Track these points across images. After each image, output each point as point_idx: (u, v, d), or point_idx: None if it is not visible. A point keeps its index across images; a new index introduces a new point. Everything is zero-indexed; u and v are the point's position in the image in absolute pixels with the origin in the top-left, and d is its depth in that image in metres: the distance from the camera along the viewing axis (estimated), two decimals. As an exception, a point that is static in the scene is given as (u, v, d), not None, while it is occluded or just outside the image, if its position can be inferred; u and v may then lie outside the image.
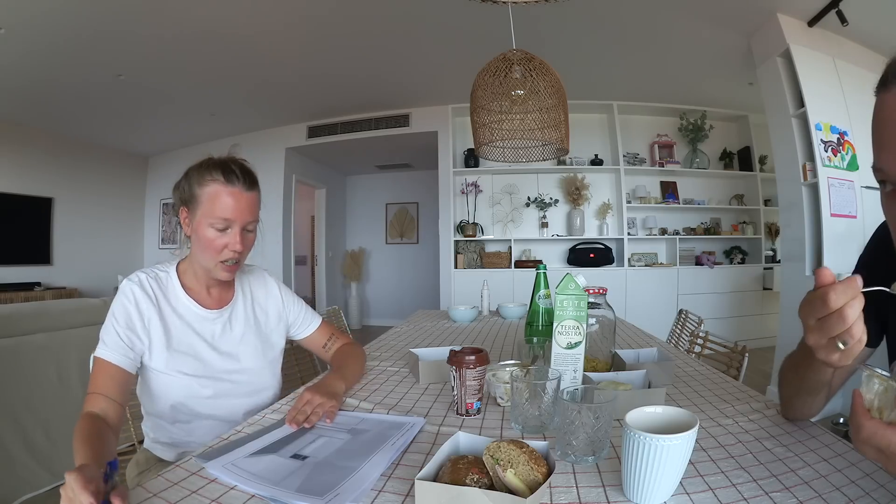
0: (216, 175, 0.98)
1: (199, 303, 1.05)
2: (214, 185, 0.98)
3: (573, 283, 0.92)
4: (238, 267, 1.05)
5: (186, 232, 1.02)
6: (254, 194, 1.03)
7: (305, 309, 1.25)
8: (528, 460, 0.55)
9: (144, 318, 0.97)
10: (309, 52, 3.70)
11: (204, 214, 0.98)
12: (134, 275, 1.01)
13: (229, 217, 0.98)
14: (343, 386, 1.02)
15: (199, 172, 1.00)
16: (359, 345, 1.31)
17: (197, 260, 1.03)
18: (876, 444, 0.45)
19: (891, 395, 0.46)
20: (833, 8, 2.83)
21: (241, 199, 0.99)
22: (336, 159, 6.32)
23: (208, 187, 0.98)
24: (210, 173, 0.99)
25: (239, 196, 0.99)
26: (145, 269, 1.04)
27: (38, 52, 3.37)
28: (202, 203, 0.98)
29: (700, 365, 1.28)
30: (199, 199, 0.98)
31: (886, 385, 0.47)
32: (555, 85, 1.67)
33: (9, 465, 1.89)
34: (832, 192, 2.92)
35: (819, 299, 0.51)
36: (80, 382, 2.16)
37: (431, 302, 5.85)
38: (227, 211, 0.98)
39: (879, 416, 0.47)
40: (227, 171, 0.99)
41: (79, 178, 5.53)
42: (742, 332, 4.50)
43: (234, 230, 0.99)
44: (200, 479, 0.64)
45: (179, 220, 1.03)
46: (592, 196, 4.86)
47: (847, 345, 0.51)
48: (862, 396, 0.48)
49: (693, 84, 4.35)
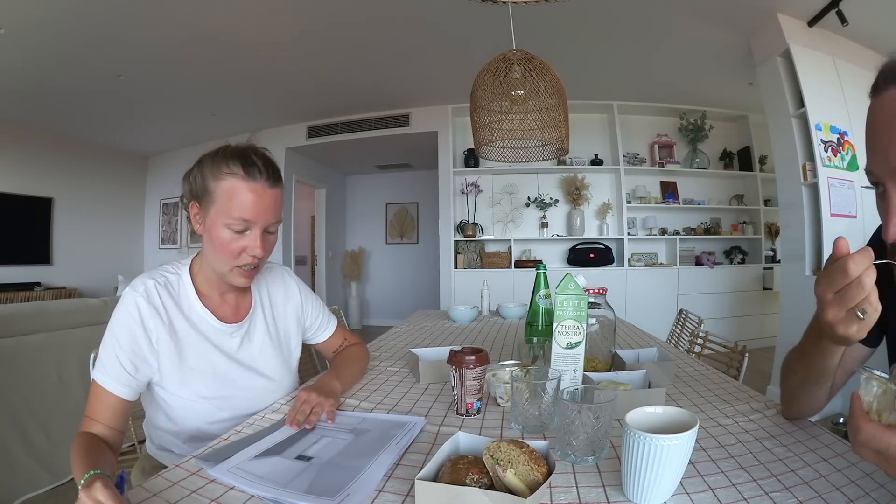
0: (235, 167, 0.85)
1: (215, 313, 0.93)
2: (232, 179, 0.84)
3: (573, 283, 0.92)
4: (257, 272, 0.93)
5: (198, 230, 0.90)
6: (277, 191, 0.89)
7: (323, 312, 1.17)
8: (528, 460, 0.55)
9: (152, 338, 0.85)
10: (309, 52, 3.70)
11: (219, 213, 0.85)
12: (139, 282, 0.87)
13: (249, 218, 0.85)
14: (339, 385, 0.98)
15: (215, 162, 0.86)
16: (364, 346, 1.28)
17: (209, 262, 0.92)
18: (874, 446, 0.46)
19: (889, 398, 0.46)
20: (833, 8, 2.83)
21: (263, 196, 0.86)
22: (336, 159, 6.32)
23: (225, 181, 0.85)
24: (227, 164, 0.85)
25: (261, 193, 0.86)
26: (153, 273, 0.90)
27: (39, 52, 3.37)
28: (217, 199, 0.85)
29: (700, 365, 1.28)
30: (213, 195, 0.85)
31: (885, 388, 0.47)
32: (555, 85, 1.67)
33: (9, 465, 1.89)
34: (832, 192, 2.92)
35: (839, 270, 0.52)
36: (80, 382, 2.16)
37: (431, 302, 5.85)
38: (246, 210, 0.85)
39: (878, 419, 0.47)
40: (248, 164, 0.85)
41: (79, 177, 5.54)
42: (742, 332, 4.50)
43: (255, 232, 0.87)
44: (200, 479, 0.64)
45: (189, 214, 0.90)
46: (592, 196, 4.86)
47: (866, 313, 0.51)
48: (861, 399, 0.48)
49: (693, 84, 4.35)
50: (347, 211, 7.27)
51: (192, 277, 0.94)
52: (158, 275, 0.91)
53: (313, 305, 1.14)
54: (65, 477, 2.05)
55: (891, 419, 0.46)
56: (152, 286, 0.88)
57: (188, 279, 0.93)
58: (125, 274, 5.31)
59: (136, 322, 0.84)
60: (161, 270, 0.93)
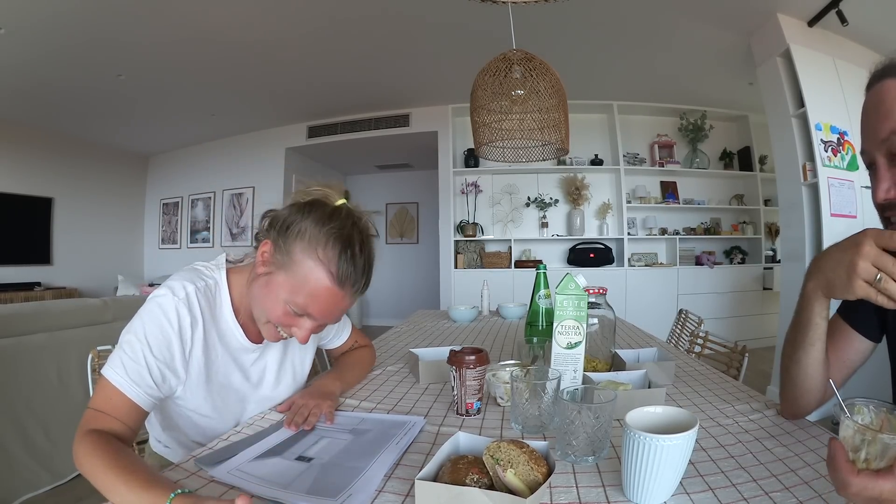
0: (331, 259, 0.75)
1: (245, 331, 0.87)
2: (321, 272, 0.75)
3: (573, 283, 0.92)
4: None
5: (258, 271, 0.80)
6: (353, 303, 0.81)
7: (343, 320, 1.09)
8: (528, 460, 0.55)
9: (186, 350, 0.78)
10: (309, 52, 3.70)
11: (288, 288, 0.76)
12: (178, 284, 0.78)
13: (314, 315, 0.78)
14: (338, 386, 0.98)
15: (314, 235, 0.76)
16: (372, 349, 1.26)
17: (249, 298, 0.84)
18: (867, 496, 0.45)
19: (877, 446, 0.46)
20: (833, 8, 2.83)
21: (342, 303, 0.79)
22: (336, 159, 6.32)
23: (313, 268, 0.75)
24: (324, 249, 0.75)
25: (340, 301, 0.78)
26: (191, 276, 0.81)
27: (39, 51, 3.37)
28: (294, 274, 0.76)
29: (700, 365, 1.28)
30: (293, 266, 0.76)
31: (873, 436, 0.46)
32: (555, 85, 1.67)
33: (9, 465, 1.89)
34: (832, 192, 2.92)
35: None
36: (80, 382, 2.16)
37: (431, 302, 5.85)
38: (315, 309, 0.77)
39: (867, 467, 0.46)
40: (344, 262, 0.76)
41: (79, 177, 5.54)
42: (742, 332, 4.50)
43: (309, 325, 0.80)
44: (200, 479, 0.64)
45: (257, 247, 0.81)
46: (592, 196, 4.86)
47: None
48: (844, 449, 0.47)
49: (693, 84, 4.35)
50: (347, 211, 7.27)
51: (230, 287, 0.85)
52: (198, 278, 0.82)
53: None
54: (65, 477, 2.05)
55: (879, 465, 0.46)
56: (193, 292, 0.79)
57: (226, 289, 0.85)
58: (125, 274, 5.31)
59: (174, 330, 0.76)
60: (199, 273, 0.83)
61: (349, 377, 1.08)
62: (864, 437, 0.46)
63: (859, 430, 0.47)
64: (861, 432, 0.47)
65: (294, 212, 0.80)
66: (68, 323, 2.19)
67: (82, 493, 1.98)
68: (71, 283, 5.24)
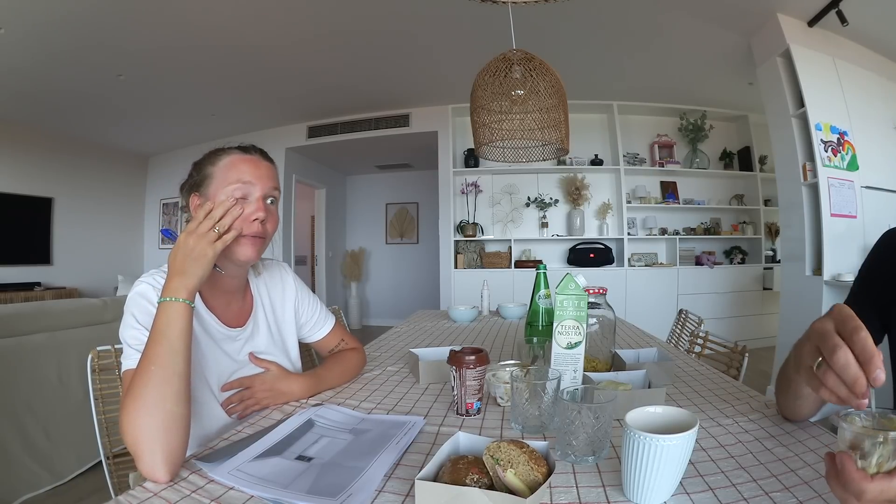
0: (230, 149, 0.92)
1: (220, 318, 0.93)
2: (229, 156, 0.91)
3: (573, 283, 0.92)
4: (263, 244, 0.92)
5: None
6: (272, 165, 0.95)
7: (320, 311, 1.15)
8: (528, 460, 0.55)
9: None
10: (309, 52, 3.70)
11: (219, 185, 0.88)
12: (149, 278, 0.85)
13: (249, 180, 0.89)
14: (303, 390, 0.98)
15: (211, 154, 0.93)
16: (362, 352, 1.23)
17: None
18: (887, 498, 0.44)
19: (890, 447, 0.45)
20: (833, 8, 2.83)
21: (259, 165, 0.92)
22: (336, 159, 6.32)
23: (223, 160, 0.90)
24: (223, 150, 0.92)
25: (258, 163, 0.92)
26: (157, 273, 0.86)
27: (39, 52, 3.37)
28: (216, 176, 0.89)
29: (700, 365, 1.28)
30: (212, 175, 0.89)
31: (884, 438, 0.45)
32: (555, 85, 1.67)
33: (9, 465, 1.89)
34: (832, 192, 2.92)
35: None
36: (80, 382, 2.16)
37: (431, 302, 5.85)
38: (245, 174, 0.89)
39: (878, 471, 0.45)
40: (243, 146, 0.94)
41: (78, 177, 5.53)
42: (742, 332, 4.51)
43: (256, 196, 0.89)
44: (200, 479, 0.64)
45: (189, 208, 0.91)
46: (592, 196, 4.86)
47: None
48: (852, 459, 0.46)
49: (693, 84, 4.35)
50: (347, 211, 7.27)
51: None
52: (159, 274, 0.86)
53: (309, 302, 1.14)
54: (65, 477, 2.05)
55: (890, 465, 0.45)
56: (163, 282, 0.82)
57: None
58: (125, 274, 5.30)
59: (153, 306, 0.79)
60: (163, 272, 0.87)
61: (329, 379, 1.07)
62: (876, 440, 0.45)
63: (869, 434, 0.46)
64: (872, 435, 0.46)
65: (192, 167, 0.95)
66: (68, 323, 2.19)
67: (82, 493, 1.98)
68: (71, 283, 5.24)
